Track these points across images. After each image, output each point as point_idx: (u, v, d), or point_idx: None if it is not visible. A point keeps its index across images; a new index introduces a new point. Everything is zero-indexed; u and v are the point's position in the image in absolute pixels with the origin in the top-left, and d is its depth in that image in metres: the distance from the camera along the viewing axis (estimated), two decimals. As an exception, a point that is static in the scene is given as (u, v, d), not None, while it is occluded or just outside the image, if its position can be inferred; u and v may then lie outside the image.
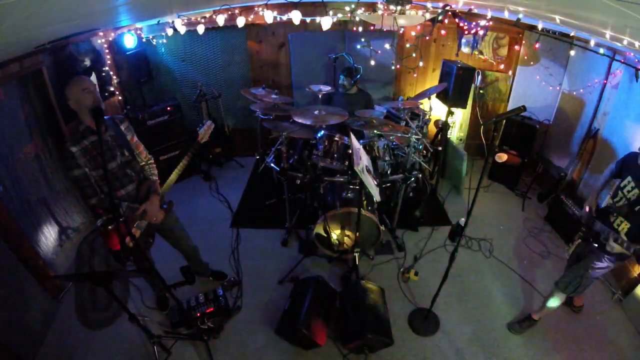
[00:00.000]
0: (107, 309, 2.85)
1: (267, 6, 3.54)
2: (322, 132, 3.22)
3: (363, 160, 2.24)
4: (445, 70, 3.96)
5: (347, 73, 3.73)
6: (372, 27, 4.17)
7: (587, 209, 2.28)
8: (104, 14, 2.41)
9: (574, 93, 3.77)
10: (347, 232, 3.08)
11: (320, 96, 3.56)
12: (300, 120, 3.00)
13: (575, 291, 2.35)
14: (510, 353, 2.51)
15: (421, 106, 3.89)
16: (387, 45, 4.28)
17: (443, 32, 4.35)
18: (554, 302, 2.48)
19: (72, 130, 2.04)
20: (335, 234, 3.05)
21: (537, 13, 2.45)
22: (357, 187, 3.06)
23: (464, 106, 3.92)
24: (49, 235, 3.05)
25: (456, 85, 3.69)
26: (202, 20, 3.81)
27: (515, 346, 2.55)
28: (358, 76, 3.83)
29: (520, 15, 2.55)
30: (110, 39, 3.79)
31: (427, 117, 3.93)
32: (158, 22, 3.92)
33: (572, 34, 2.92)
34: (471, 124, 4.74)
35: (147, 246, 2.34)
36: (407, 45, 4.39)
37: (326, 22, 2.99)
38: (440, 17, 3.16)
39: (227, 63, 4.60)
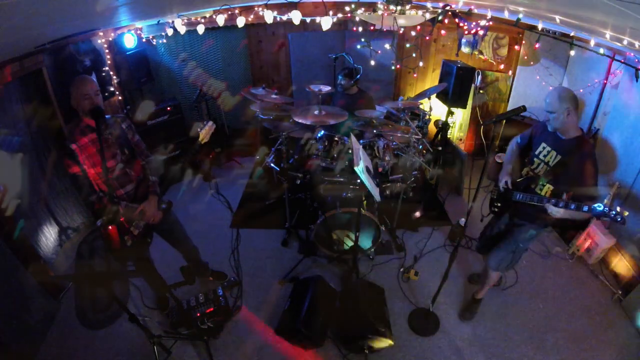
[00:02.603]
0: (107, 309, 2.85)
1: (267, 6, 3.53)
2: (322, 132, 3.22)
3: (363, 160, 2.24)
4: (445, 70, 3.96)
5: (345, 73, 3.72)
6: (372, 27, 4.17)
7: (504, 183, 2.24)
8: (104, 14, 2.40)
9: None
10: (347, 232, 3.08)
11: (320, 96, 3.55)
12: (300, 120, 3.00)
13: (507, 267, 2.45)
14: (510, 353, 2.51)
15: (421, 106, 3.89)
16: (387, 45, 4.28)
17: (443, 32, 4.35)
18: (490, 280, 2.60)
19: (72, 127, 2.05)
20: (335, 234, 3.05)
21: (537, 13, 2.46)
22: (357, 187, 3.06)
23: (464, 106, 3.92)
24: (49, 235, 3.05)
25: (456, 85, 3.69)
26: (202, 20, 3.81)
27: (515, 346, 2.55)
28: (358, 76, 3.83)
29: (520, 15, 2.55)
30: (110, 39, 3.79)
31: (427, 117, 3.93)
32: (158, 22, 3.92)
33: (572, 34, 2.92)
34: (471, 124, 4.74)
35: (145, 246, 2.34)
36: (407, 45, 4.40)
37: (326, 22, 2.99)
38: (440, 17, 3.16)
39: (227, 63, 4.60)
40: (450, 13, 3.23)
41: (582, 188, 1.92)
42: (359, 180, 2.93)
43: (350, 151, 3.03)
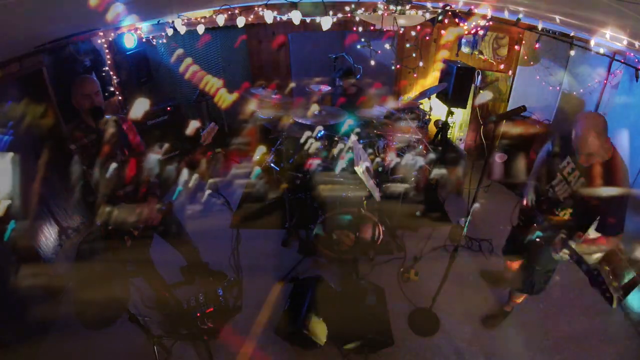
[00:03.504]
0: (107, 309, 2.84)
1: (267, 6, 3.53)
2: (322, 132, 3.22)
3: (363, 161, 2.25)
4: (445, 70, 3.96)
5: (342, 74, 3.70)
6: (372, 27, 4.17)
7: (525, 203, 2.17)
8: (104, 14, 2.40)
9: (574, 93, 3.77)
10: (347, 232, 3.08)
11: (320, 96, 3.56)
12: (300, 121, 3.01)
13: (536, 290, 2.36)
14: (510, 353, 2.51)
15: (421, 106, 3.89)
16: (387, 45, 4.28)
17: (443, 32, 4.35)
18: (519, 298, 2.56)
19: (72, 128, 2.06)
20: (335, 234, 3.05)
21: (537, 13, 2.46)
22: (357, 187, 3.06)
23: (464, 106, 3.92)
24: (49, 235, 3.04)
25: (456, 85, 3.70)
26: (202, 21, 3.81)
27: (515, 346, 2.55)
28: (359, 76, 3.83)
29: (520, 15, 2.56)
30: (110, 39, 3.79)
31: (427, 117, 3.93)
32: (158, 22, 3.92)
33: (572, 34, 2.93)
34: (471, 124, 4.74)
35: (145, 246, 2.34)
36: (407, 45, 4.40)
37: (326, 22, 2.99)
38: (440, 17, 3.16)
39: (227, 63, 4.60)
40: (450, 13, 3.23)
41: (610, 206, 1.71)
42: (358, 180, 2.94)
43: (350, 151, 3.03)
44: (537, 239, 2.12)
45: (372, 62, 4.13)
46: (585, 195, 1.78)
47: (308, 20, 4.14)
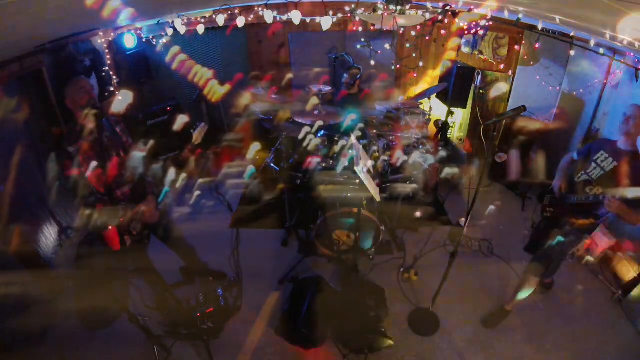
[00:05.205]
0: (107, 309, 2.84)
1: (267, 6, 3.53)
2: (322, 131, 3.22)
3: (363, 161, 2.24)
4: (446, 70, 3.96)
5: (351, 73, 3.75)
6: (372, 27, 4.17)
7: (558, 188, 2.45)
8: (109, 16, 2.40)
9: (574, 93, 3.77)
10: (347, 232, 3.08)
11: (320, 96, 3.56)
12: (300, 120, 3.01)
13: (545, 274, 2.49)
14: (510, 353, 2.51)
15: (421, 106, 3.89)
16: (387, 46, 4.28)
17: (443, 32, 4.35)
18: (526, 292, 2.57)
19: (69, 130, 2.06)
20: (335, 234, 3.05)
21: (537, 13, 2.46)
22: (357, 187, 3.06)
23: (464, 106, 3.92)
24: (49, 235, 3.04)
25: (456, 85, 3.70)
26: (202, 21, 3.80)
27: (515, 346, 2.55)
28: (359, 76, 3.84)
29: (520, 15, 2.56)
30: (110, 39, 3.78)
31: (427, 117, 3.93)
32: (158, 22, 3.92)
33: (572, 34, 2.93)
34: (471, 124, 4.74)
35: (144, 246, 2.34)
36: (407, 45, 4.40)
37: (326, 22, 2.99)
38: (440, 17, 3.16)
39: (227, 63, 4.59)
40: (450, 13, 3.23)
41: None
42: (358, 180, 2.94)
43: (352, 149, 3.03)
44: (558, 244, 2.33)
45: (372, 62, 4.13)
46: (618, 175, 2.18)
47: (308, 20, 4.14)
